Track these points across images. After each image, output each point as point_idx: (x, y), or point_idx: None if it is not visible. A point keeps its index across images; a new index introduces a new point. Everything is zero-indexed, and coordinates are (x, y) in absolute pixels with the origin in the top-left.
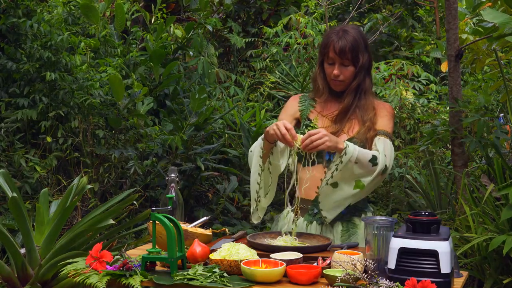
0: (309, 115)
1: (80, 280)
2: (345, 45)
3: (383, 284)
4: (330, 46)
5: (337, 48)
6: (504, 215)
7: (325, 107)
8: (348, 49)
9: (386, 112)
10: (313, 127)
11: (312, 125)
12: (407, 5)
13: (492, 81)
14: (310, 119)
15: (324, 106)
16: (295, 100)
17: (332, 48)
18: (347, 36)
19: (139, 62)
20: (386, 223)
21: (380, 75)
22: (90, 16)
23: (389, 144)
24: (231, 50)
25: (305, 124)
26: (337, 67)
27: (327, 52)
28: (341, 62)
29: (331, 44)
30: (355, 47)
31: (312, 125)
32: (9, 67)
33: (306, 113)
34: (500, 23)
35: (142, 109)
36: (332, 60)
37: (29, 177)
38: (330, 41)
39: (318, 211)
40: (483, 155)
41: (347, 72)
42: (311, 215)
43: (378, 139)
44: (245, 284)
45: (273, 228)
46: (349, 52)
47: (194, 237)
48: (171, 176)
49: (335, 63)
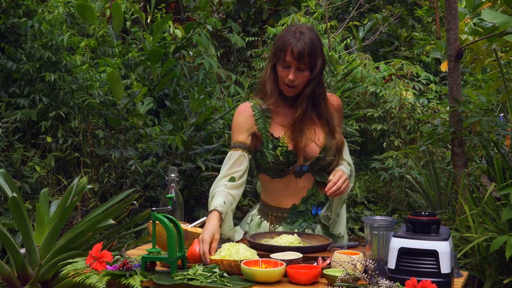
0: (270, 129)
1: (80, 280)
2: (303, 49)
3: (383, 284)
4: (287, 49)
5: (295, 52)
6: (504, 216)
7: (279, 115)
8: (307, 53)
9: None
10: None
11: (281, 144)
12: (407, 5)
13: (492, 81)
14: (276, 136)
15: (277, 114)
16: (247, 113)
17: (289, 52)
18: (305, 38)
19: (139, 62)
20: (386, 223)
21: (380, 75)
22: (86, 16)
23: (346, 144)
24: (231, 50)
25: (273, 143)
26: (292, 71)
27: (283, 55)
28: (297, 66)
29: (288, 47)
30: (313, 51)
31: (281, 143)
32: (9, 67)
33: (266, 128)
34: (500, 23)
35: (142, 109)
36: (288, 63)
37: (29, 177)
38: (287, 44)
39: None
40: (483, 155)
41: (302, 77)
42: (290, 223)
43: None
44: (245, 284)
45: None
46: (307, 57)
47: (194, 237)
48: (171, 176)
49: (291, 67)
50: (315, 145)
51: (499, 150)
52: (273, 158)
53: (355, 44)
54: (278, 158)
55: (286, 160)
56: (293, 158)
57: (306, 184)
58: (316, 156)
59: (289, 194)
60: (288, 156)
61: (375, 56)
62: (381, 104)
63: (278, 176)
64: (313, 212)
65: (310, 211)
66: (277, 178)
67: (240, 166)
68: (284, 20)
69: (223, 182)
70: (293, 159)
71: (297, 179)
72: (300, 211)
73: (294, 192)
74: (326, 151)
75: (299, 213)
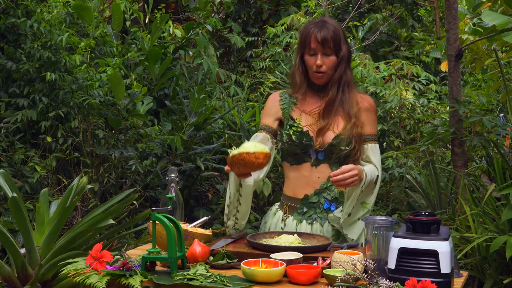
0: (292, 114)
1: (80, 280)
2: (327, 34)
3: (383, 284)
4: (311, 37)
5: (319, 37)
6: (504, 216)
7: (306, 103)
8: (330, 37)
9: (371, 109)
10: (297, 126)
11: (296, 124)
12: (407, 5)
13: (492, 81)
14: (294, 118)
15: (304, 103)
16: (275, 99)
17: (314, 38)
18: (328, 25)
19: (138, 62)
20: (386, 223)
21: (380, 75)
22: (84, 16)
23: (378, 148)
24: (231, 50)
25: (289, 124)
26: (319, 57)
27: (309, 43)
28: (323, 51)
29: (312, 34)
30: (337, 35)
31: (296, 124)
32: (8, 67)
33: (289, 112)
34: (500, 24)
35: (142, 109)
36: (314, 50)
37: (29, 177)
38: (311, 32)
39: (317, 217)
40: (483, 155)
41: (329, 62)
42: (301, 213)
43: (370, 148)
44: (245, 284)
45: (262, 227)
46: (331, 41)
47: (194, 237)
48: (171, 176)
49: (317, 54)
50: (331, 132)
51: (499, 150)
52: (287, 137)
53: (355, 44)
54: (291, 137)
55: (299, 141)
56: (307, 141)
57: (321, 176)
58: (329, 142)
59: (303, 184)
60: (301, 138)
61: (375, 56)
62: (381, 104)
63: (296, 163)
64: (325, 206)
65: (322, 204)
66: (295, 165)
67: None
68: (284, 20)
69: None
70: (307, 142)
71: (313, 169)
72: (312, 202)
73: (309, 182)
74: (340, 140)
75: (311, 204)
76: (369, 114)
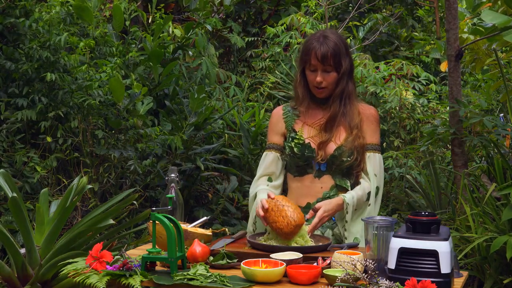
0: (294, 126)
1: (80, 280)
2: (327, 51)
3: (383, 284)
4: (311, 54)
5: (319, 55)
6: (505, 216)
7: (309, 115)
8: (330, 55)
9: (372, 119)
10: (299, 138)
11: (298, 137)
12: (407, 5)
13: (492, 81)
14: (296, 130)
15: (307, 115)
16: (279, 114)
17: (314, 55)
18: (328, 41)
19: (138, 62)
20: (386, 223)
21: (380, 75)
22: (84, 16)
23: (378, 158)
24: (231, 50)
25: (291, 136)
26: (319, 73)
27: (309, 59)
28: (323, 68)
29: (312, 50)
30: (337, 52)
31: (298, 136)
32: (8, 67)
33: (291, 124)
34: (500, 23)
35: (142, 109)
36: (314, 67)
37: (29, 177)
38: (312, 48)
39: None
40: (483, 155)
41: (329, 78)
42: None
43: (367, 158)
44: (245, 284)
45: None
46: (331, 58)
47: (194, 237)
48: (171, 176)
49: (317, 70)
50: (333, 143)
51: (499, 150)
52: (289, 150)
53: (355, 44)
54: (293, 150)
55: (301, 154)
56: (309, 153)
57: (324, 186)
58: (331, 153)
59: (306, 194)
60: (303, 150)
61: (375, 56)
62: (381, 104)
63: (299, 174)
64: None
65: None
66: (298, 176)
67: (275, 167)
68: (284, 20)
69: (263, 181)
70: (309, 154)
71: (316, 180)
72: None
73: (312, 192)
74: (342, 151)
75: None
76: (370, 124)
